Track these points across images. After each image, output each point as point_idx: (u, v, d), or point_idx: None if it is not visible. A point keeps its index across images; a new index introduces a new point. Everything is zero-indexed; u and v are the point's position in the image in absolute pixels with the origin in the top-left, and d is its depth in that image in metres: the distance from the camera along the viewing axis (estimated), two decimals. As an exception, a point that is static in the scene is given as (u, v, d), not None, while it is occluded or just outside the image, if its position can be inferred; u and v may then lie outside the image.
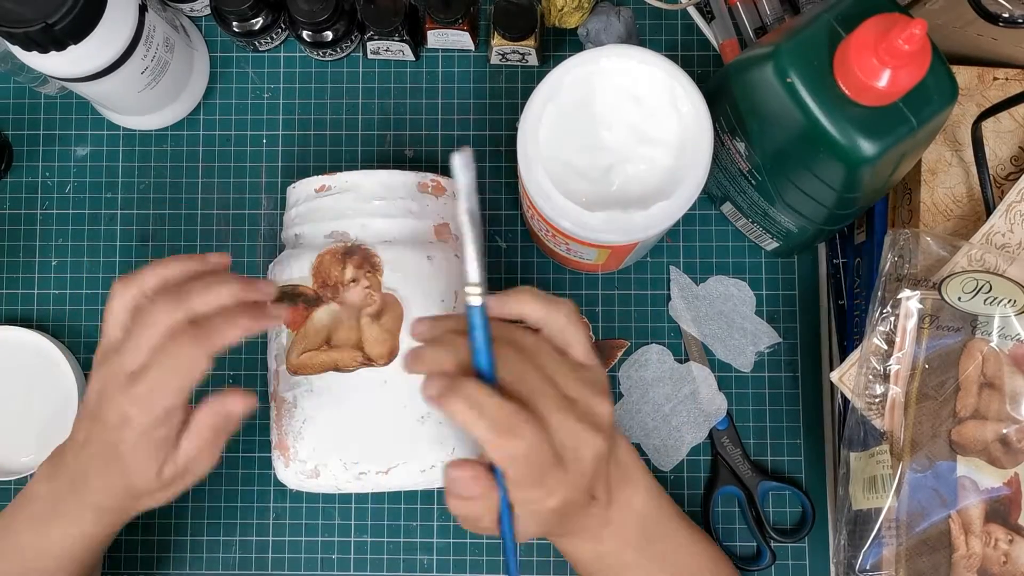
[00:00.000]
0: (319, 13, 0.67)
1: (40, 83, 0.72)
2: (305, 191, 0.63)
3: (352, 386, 0.58)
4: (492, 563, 0.69)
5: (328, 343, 0.59)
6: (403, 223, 0.61)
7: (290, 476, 0.60)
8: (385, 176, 0.61)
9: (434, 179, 0.63)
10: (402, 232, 0.61)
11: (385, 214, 0.61)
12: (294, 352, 0.59)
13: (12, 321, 0.72)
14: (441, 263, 0.61)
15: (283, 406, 0.60)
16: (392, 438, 0.59)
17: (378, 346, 0.58)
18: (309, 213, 0.62)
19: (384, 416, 0.58)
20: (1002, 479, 0.57)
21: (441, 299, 0.60)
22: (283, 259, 0.62)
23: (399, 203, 0.61)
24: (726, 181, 0.65)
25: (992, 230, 0.60)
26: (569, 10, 0.69)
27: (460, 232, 0.44)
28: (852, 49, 0.48)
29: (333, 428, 0.59)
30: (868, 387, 0.60)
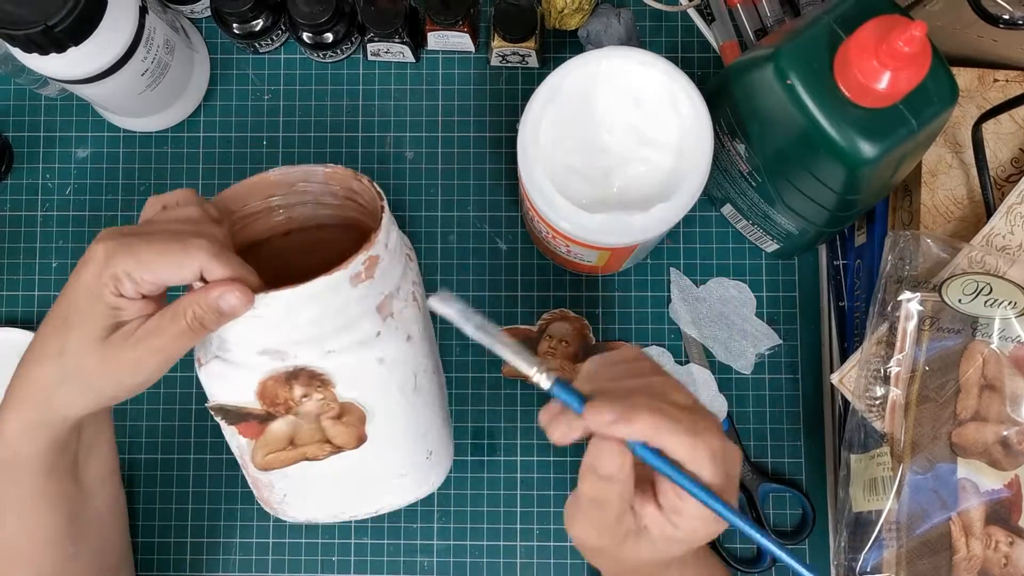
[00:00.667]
0: (319, 15, 0.67)
1: (40, 85, 0.72)
2: None
3: (327, 467, 0.58)
4: (492, 565, 0.69)
5: (291, 444, 0.57)
6: (344, 330, 0.54)
7: (283, 520, 0.62)
8: (312, 291, 0.52)
9: (366, 259, 0.54)
10: (343, 339, 0.54)
11: (322, 329, 0.53)
12: (258, 455, 0.57)
13: (12, 322, 0.72)
14: (395, 358, 0.56)
15: (259, 484, 0.59)
16: (373, 494, 0.59)
17: (345, 438, 0.56)
18: (231, 328, 0.53)
19: (365, 482, 0.59)
20: (1002, 481, 0.57)
21: (401, 390, 0.57)
22: (214, 374, 0.55)
23: (335, 310, 0.53)
24: (726, 183, 0.65)
25: (992, 232, 0.60)
26: (569, 12, 0.69)
27: (489, 347, 0.45)
28: (852, 51, 0.48)
29: (315, 497, 0.59)
30: (868, 389, 0.60)
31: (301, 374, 0.54)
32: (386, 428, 0.57)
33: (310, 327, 0.53)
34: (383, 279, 0.55)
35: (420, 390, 0.58)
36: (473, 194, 0.72)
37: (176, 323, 0.50)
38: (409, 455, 0.59)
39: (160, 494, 0.70)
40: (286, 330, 0.53)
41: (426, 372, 0.59)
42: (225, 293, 0.50)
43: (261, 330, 0.53)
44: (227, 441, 0.59)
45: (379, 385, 0.56)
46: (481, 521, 0.70)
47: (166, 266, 0.49)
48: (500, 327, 0.50)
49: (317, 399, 0.55)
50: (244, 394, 0.55)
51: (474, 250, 0.72)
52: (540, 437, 0.70)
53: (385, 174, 0.72)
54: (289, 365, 0.54)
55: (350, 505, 0.60)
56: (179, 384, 0.71)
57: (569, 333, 0.71)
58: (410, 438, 0.58)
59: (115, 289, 0.49)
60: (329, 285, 0.52)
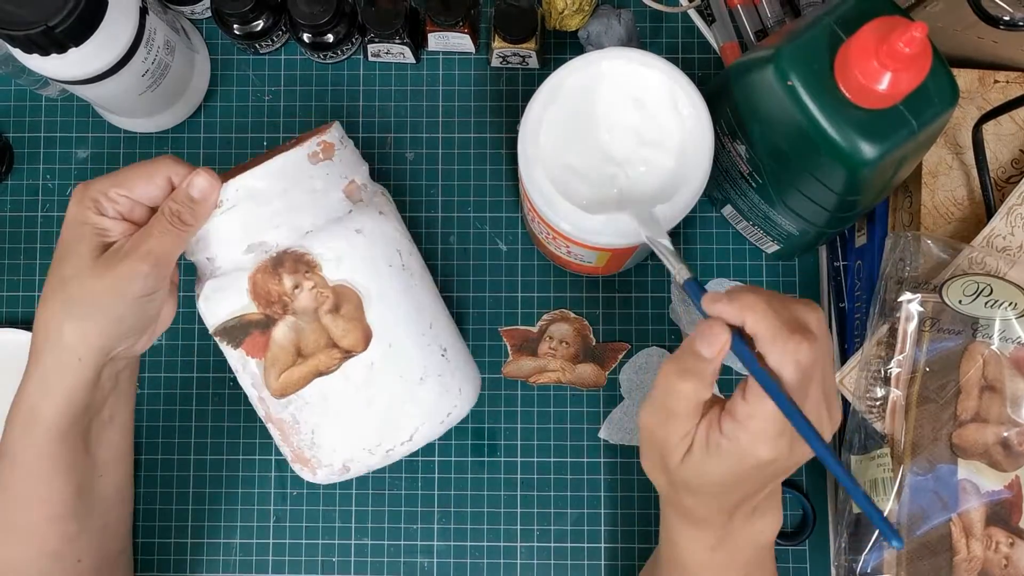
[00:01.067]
0: (320, 16, 0.67)
1: (41, 85, 0.72)
2: None
3: (343, 382, 0.58)
4: (492, 566, 0.69)
5: (300, 354, 0.58)
6: (315, 206, 0.57)
7: (320, 479, 0.60)
8: (274, 166, 0.56)
9: (320, 141, 0.58)
10: (318, 216, 0.57)
11: (293, 206, 0.56)
12: (271, 377, 0.58)
13: (13, 323, 0.72)
14: (372, 229, 0.58)
15: (284, 426, 0.59)
16: (401, 410, 0.59)
17: (350, 336, 0.57)
18: (213, 234, 0.56)
19: (385, 394, 0.58)
20: (1003, 482, 0.57)
21: (389, 264, 0.58)
22: (210, 294, 0.57)
23: (301, 186, 0.57)
24: (727, 184, 0.65)
25: (993, 233, 0.60)
26: (570, 13, 0.69)
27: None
28: (853, 52, 0.48)
29: (343, 426, 0.59)
30: (869, 390, 0.60)
31: (286, 258, 0.56)
32: (387, 314, 0.58)
33: (282, 208, 0.56)
34: (343, 165, 0.59)
35: (410, 269, 0.59)
36: (473, 195, 0.72)
37: (158, 223, 0.54)
38: (420, 350, 0.59)
39: (160, 494, 0.70)
40: (259, 215, 0.56)
41: (410, 253, 0.60)
42: (193, 178, 0.54)
43: (237, 224, 0.56)
44: (242, 385, 0.59)
45: (364, 258, 0.57)
46: (481, 522, 0.70)
47: (137, 178, 0.54)
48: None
49: (308, 288, 0.56)
50: (240, 297, 0.57)
51: (474, 251, 0.72)
52: (540, 437, 0.70)
53: (385, 175, 0.73)
54: (272, 252, 0.56)
55: (382, 431, 0.58)
56: (179, 385, 0.71)
57: (569, 334, 0.71)
58: (414, 326, 0.59)
59: (96, 209, 0.53)
60: (288, 161, 0.56)
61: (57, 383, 0.53)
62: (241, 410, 0.71)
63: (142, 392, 0.71)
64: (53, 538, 0.55)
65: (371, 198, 0.60)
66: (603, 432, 0.70)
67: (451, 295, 0.71)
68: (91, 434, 0.56)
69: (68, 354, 0.53)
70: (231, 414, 0.71)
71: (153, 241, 0.53)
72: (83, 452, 0.55)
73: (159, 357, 0.71)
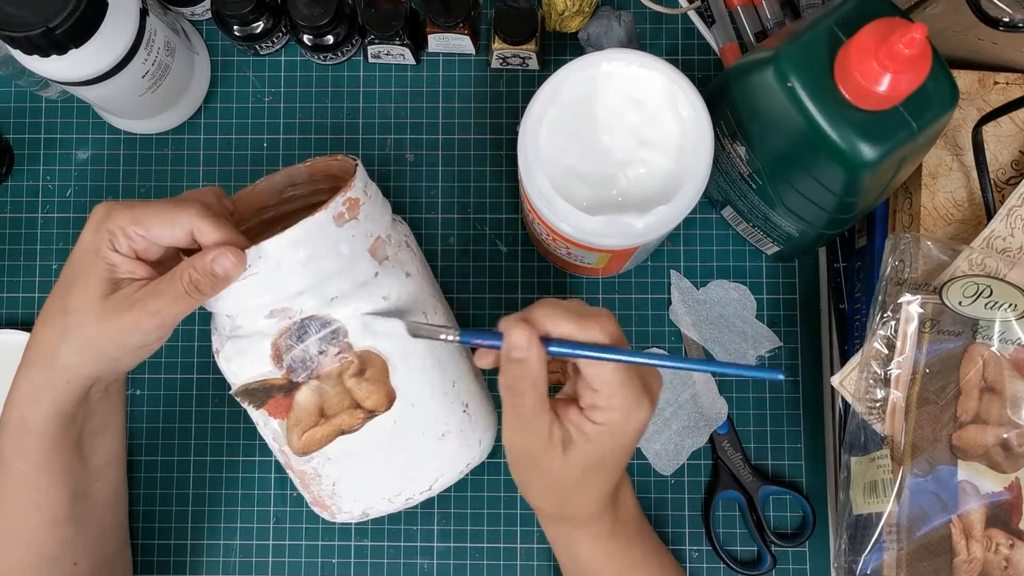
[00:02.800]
0: (320, 17, 0.67)
1: (41, 87, 0.72)
2: None
3: (366, 438, 0.57)
4: (492, 567, 0.69)
5: (323, 415, 0.57)
6: (341, 273, 0.55)
7: (339, 521, 0.61)
8: (300, 232, 0.53)
9: (346, 199, 0.55)
10: (344, 282, 0.55)
11: (318, 274, 0.54)
12: (293, 437, 0.57)
13: (13, 324, 0.72)
14: (399, 294, 0.57)
15: (305, 477, 0.59)
16: (422, 463, 0.59)
17: (374, 398, 0.57)
18: (234, 295, 0.54)
19: (407, 449, 0.58)
20: (1003, 484, 0.57)
21: (422, 317, 0.58)
22: (231, 355, 0.56)
23: (327, 252, 0.55)
24: (727, 185, 0.65)
25: (993, 234, 0.60)
26: (570, 14, 0.69)
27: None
28: (853, 53, 0.48)
29: (364, 479, 0.59)
30: (869, 391, 0.60)
31: (311, 326, 0.54)
32: (412, 377, 0.57)
33: (306, 274, 0.54)
34: (369, 221, 0.57)
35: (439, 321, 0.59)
36: (473, 196, 0.72)
37: (173, 286, 0.52)
38: (443, 408, 0.58)
39: (160, 495, 0.70)
40: (284, 282, 0.54)
41: (435, 311, 0.60)
42: (219, 256, 0.52)
43: (261, 289, 0.54)
44: (266, 441, 0.59)
45: (390, 322, 0.56)
46: (481, 523, 0.70)
47: (158, 222, 0.52)
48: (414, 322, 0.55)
49: (333, 353, 0.55)
50: (261, 363, 0.55)
51: (474, 252, 0.72)
52: (540, 439, 0.70)
53: (386, 176, 0.73)
54: (296, 318, 0.54)
55: (402, 483, 0.59)
56: (179, 386, 0.71)
57: (569, 335, 0.71)
58: (438, 386, 0.58)
59: (111, 244, 0.52)
60: (314, 226, 0.54)
61: (45, 396, 0.53)
62: (241, 411, 0.71)
63: (143, 394, 0.71)
64: (49, 542, 0.56)
65: (396, 253, 0.59)
66: (603, 433, 0.70)
67: (451, 295, 0.71)
68: (83, 442, 0.56)
69: (58, 376, 0.53)
70: (231, 415, 0.71)
71: (163, 302, 0.52)
72: (76, 459, 0.56)
73: (160, 359, 0.71)
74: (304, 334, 0.55)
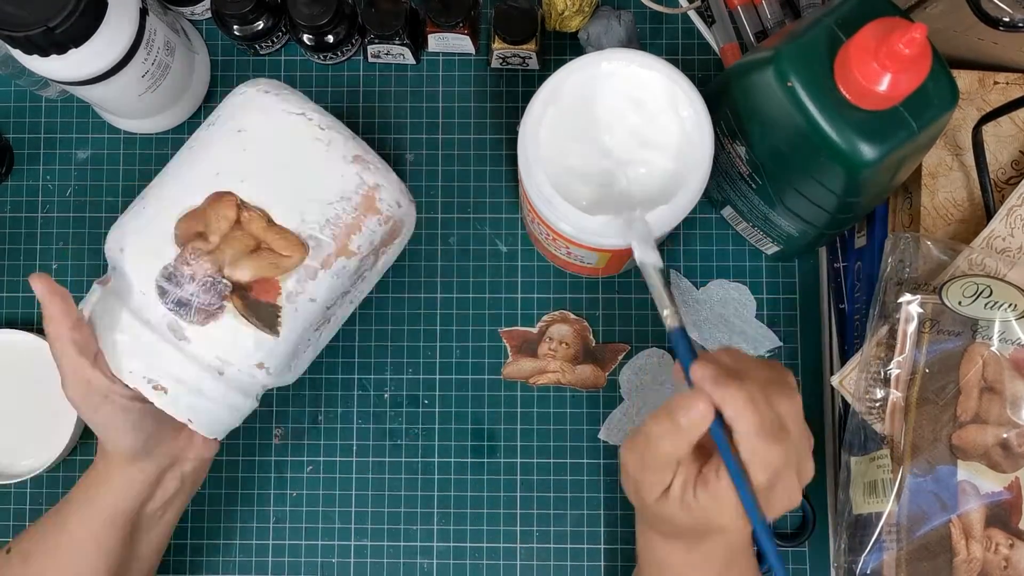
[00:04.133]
0: (320, 17, 0.67)
1: (41, 86, 0.72)
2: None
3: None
4: (492, 567, 0.69)
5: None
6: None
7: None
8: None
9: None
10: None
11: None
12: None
13: (12, 324, 0.72)
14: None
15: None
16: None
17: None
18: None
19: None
20: (1003, 483, 0.57)
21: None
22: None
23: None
24: (727, 185, 0.65)
25: (993, 234, 0.60)
26: (570, 14, 0.69)
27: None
28: (853, 53, 0.48)
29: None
30: (868, 391, 0.60)
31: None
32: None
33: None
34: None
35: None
36: (473, 196, 0.72)
37: (57, 349, 0.55)
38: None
39: (160, 495, 0.71)
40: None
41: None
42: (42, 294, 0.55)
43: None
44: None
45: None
46: (481, 522, 0.70)
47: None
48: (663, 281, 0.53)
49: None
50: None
51: (474, 252, 0.72)
52: (540, 438, 0.70)
53: (385, 176, 0.73)
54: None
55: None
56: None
57: (569, 335, 0.71)
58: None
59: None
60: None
61: (117, 477, 0.57)
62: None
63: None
64: None
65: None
66: (603, 433, 0.70)
67: (451, 295, 0.71)
68: (140, 528, 0.59)
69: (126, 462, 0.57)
70: (231, 415, 0.71)
71: (63, 364, 0.54)
72: (126, 541, 0.58)
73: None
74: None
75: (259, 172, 0.57)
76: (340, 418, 0.71)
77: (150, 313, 0.55)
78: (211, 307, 0.55)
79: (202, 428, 0.57)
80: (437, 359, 0.71)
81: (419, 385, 0.71)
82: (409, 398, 0.71)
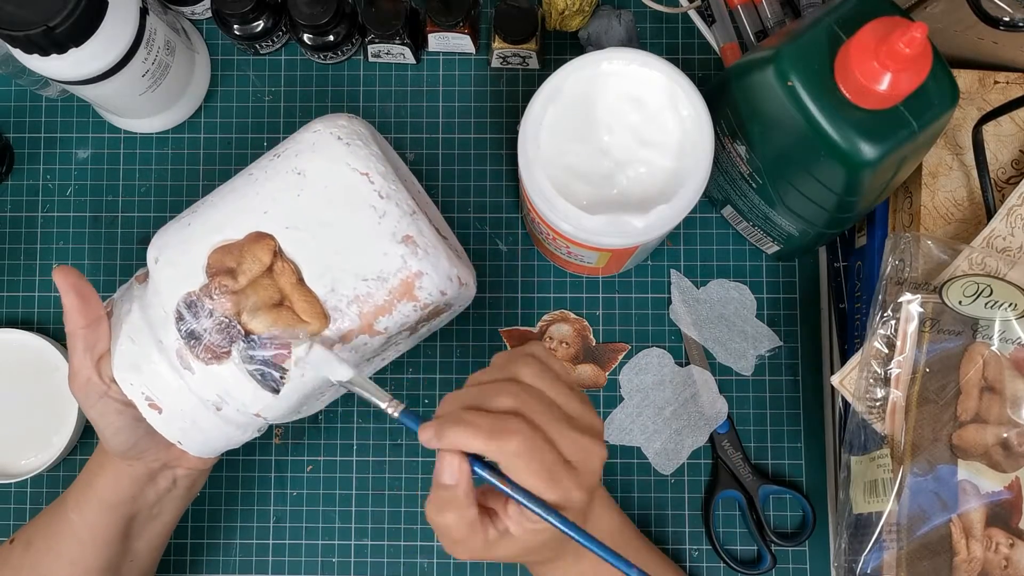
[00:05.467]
0: (320, 16, 0.67)
1: (41, 86, 0.72)
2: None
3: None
4: (492, 568, 0.69)
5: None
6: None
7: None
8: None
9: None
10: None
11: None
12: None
13: (13, 324, 0.72)
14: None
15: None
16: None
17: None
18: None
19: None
20: (1003, 483, 0.57)
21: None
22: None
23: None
24: (727, 184, 0.65)
25: (993, 234, 0.60)
26: (570, 13, 0.69)
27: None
28: (853, 52, 0.48)
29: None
30: (869, 391, 0.60)
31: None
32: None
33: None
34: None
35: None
36: (473, 195, 0.72)
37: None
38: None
39: (160, 495, 0.71)
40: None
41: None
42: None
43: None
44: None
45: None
46: (481, 522, 0.70)
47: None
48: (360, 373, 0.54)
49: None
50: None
51: (475, 251, 0.72)
52: (540, 438, 0.70)
53: (385, 175, 0.72)
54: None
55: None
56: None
57: (570, 335, 0.71)
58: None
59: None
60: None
61: (110, 469, 0.58)
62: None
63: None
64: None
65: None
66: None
67: (451, 296, 0.71)
68: (135, 522, 0.59)
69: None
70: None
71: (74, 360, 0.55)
72: (121, 534, 0.59)
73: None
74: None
75: (304, 224, 0.54)
76: (340, 418, 0.71)
77: (164, 334, 0.54)
78: (219, 349, 0.53)
79: (193, 450, 0.56)
80: (437, 359, 0.71)
81: (419, 385, 0.71)
82: (409, 398, 0.71)
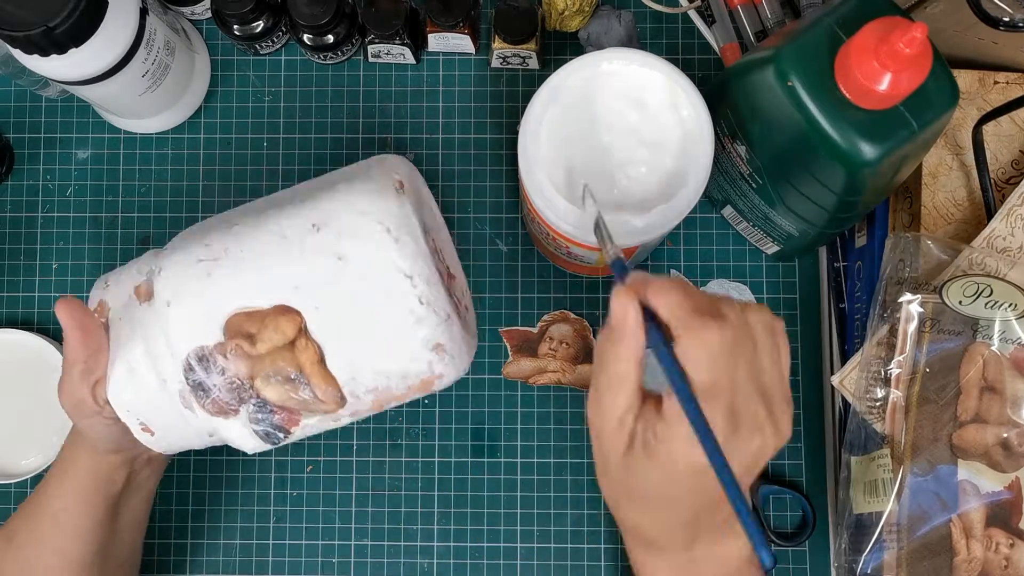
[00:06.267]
0: (320, 16, 0.67)
1: (41, 86, 0.72)
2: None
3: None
4: (492, 567, 0.69)
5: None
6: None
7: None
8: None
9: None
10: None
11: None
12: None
13: (13, 324, 0.72)
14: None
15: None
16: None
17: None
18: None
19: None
20: (1003, 483, 0.57)
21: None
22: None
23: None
24: (727, 184, 0.65)
25: (993, 234, 0.60)
26: (570, 13, 0.69)
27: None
28: (853, 52, 0.48)
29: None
30: (869, 391, 0.60)
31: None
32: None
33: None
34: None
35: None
36: (473, 195, 0.72)
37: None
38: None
39: (160, 494, 0.70)
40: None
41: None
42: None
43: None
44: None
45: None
46: (481, 522, 0.70)
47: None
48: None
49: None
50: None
51: (475, 251, 0.72)
52: (540, 437, 0.70)
53: (385, 175, 0.72)
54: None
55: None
56: (179, 385, 0.71)
57: (569, 334, 0.71)
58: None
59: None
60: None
61: (87, 456, 0.58)
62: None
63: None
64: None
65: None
66: (603, 433, 0.70)
67: (451, 296, 0.71)
68: (115, 501, 0.59)
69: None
70: (231, 415, 0.71)
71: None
72: (104, 516, 0.59)
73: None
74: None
75: (337, 312, 0.52)
76: (340, 418, 0.71)
77: (169, 374, 0.53)
78: (227, 406, 0.53)
79: (173, 450, 0.58)
80: (437, 359, 0.71)
81: (419, 385, 0.71)
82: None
